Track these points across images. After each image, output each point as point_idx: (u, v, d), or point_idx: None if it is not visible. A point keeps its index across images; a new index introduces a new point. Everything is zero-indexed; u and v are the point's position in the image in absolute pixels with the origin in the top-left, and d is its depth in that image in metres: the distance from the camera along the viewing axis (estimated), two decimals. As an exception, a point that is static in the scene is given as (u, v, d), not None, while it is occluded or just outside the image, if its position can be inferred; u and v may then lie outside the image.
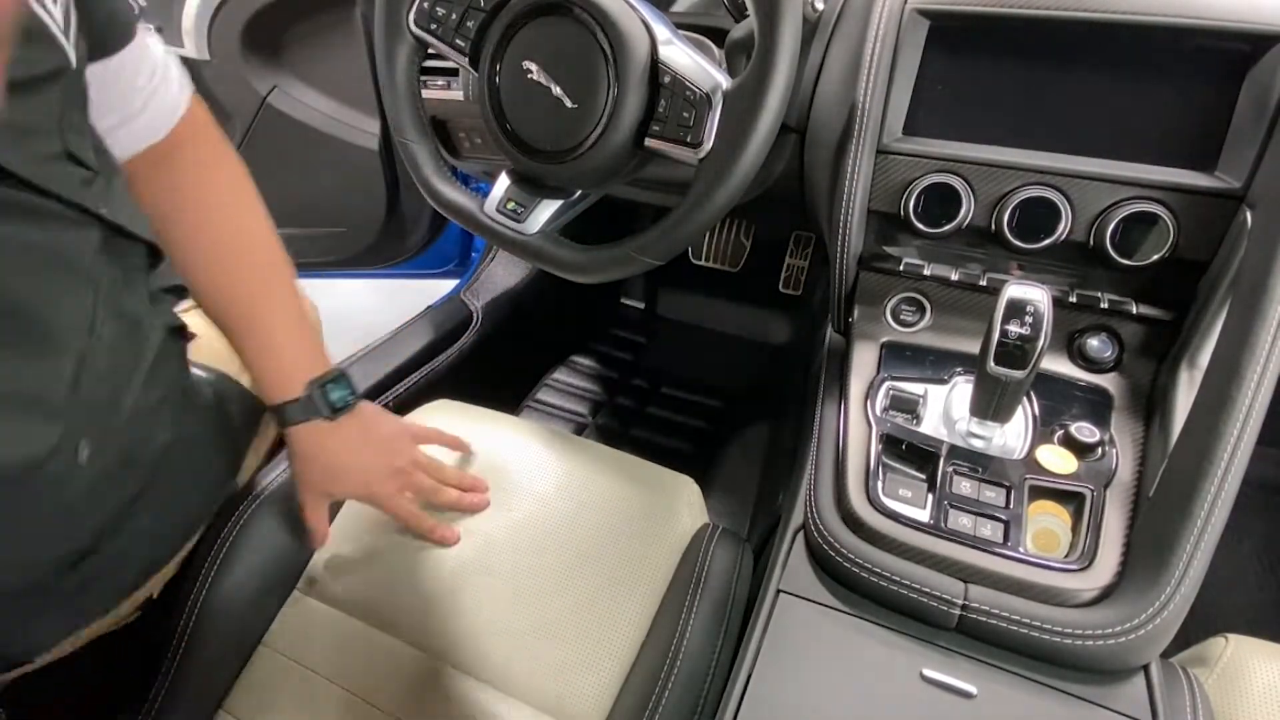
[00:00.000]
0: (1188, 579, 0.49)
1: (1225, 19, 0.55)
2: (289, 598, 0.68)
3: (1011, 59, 0.62)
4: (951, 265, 0.67)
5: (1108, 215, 0.60)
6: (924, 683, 0.51)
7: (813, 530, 0.59)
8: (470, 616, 0.65)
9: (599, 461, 0.75)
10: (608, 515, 0.70)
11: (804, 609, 0.56)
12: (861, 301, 0.71)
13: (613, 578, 0.66)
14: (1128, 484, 0.57)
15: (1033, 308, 0.51)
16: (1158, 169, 0.59)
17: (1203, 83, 0.58)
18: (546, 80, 0.59)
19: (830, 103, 0.69)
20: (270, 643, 0.66)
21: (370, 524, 0.72)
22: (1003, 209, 0.62)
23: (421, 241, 1.32)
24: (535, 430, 0.79)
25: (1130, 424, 0.61)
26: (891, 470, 0.60)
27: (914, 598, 0.53)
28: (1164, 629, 0.49)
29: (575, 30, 0.57)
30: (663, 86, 0.57)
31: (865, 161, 0.65)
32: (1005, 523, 0.55)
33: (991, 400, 0.55)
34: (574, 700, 0.60)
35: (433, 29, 0.64)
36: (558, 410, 1.39)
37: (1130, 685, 0.50)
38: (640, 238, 0.61)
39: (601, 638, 0.63)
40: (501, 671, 0.62)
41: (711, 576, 0.65)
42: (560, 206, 0.67)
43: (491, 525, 0.71)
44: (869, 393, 0.65)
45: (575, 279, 0.67)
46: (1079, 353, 0.64)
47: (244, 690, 0.64)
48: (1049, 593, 0.52)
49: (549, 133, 0.61)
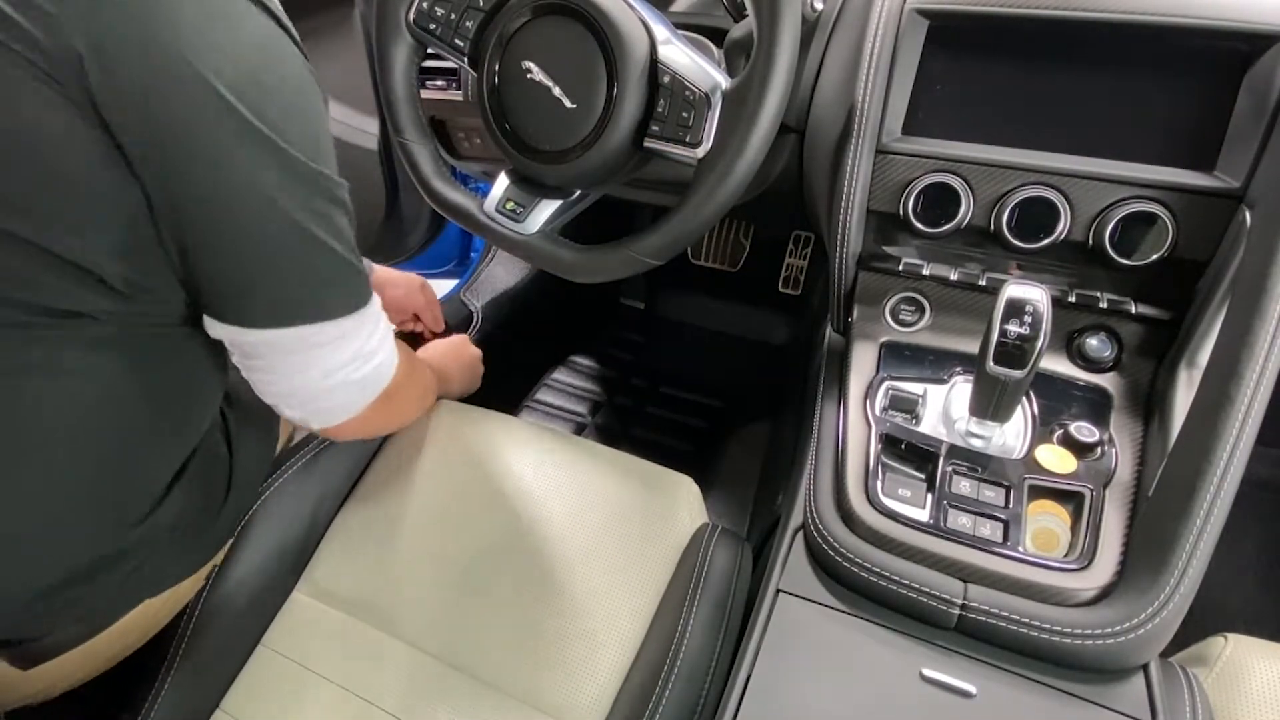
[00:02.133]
0: (1187, 578, 0.49)
1: (1224, 19, 0.55)
2: (288, 598, 0.68)
3: (1010, 59, 0.62)
4: (951, 265, 0.67)
5: (1107, 215, 0.60)
6: (923, 682, 0.51)
7: (812, 530, 0.59)
8: (469, 616, 0.65)
9: (598, 461, 0.75)
10: (607, 515, 0.70)
11: (803, 609, 0.56)
12: (861, 301, 0.71)
13: (612, 577, 0.66)
14: (1127, 483, 0.57)
15: (1032, 307, 0.51)
16: (1157, 169, 0.59)
17: (1202, 82, 0.58)
18: (546, 80, 0.59)
19: (829, 102, 0.69)
20: (270, 643, 0.66)
21: (369, 524, 0.72)
22: (1002, 209, 0.62)
23: (420, 242, 1.32)
24: (535, 430, 0.79)
25: (1129, 424, 0.61)
26: (891, 470, 0.60)
27: (913, 597, 0.53)
28: (1163, 628, 0.49)
29: (574, 30, 0.57)
30: (662, 86, 0.57)
31: (864, 161, 0.65)
32: (1004, 522, 0.55)
33: (991, 400, 0.55)
34: (573, 700, 0.60)
35: (432, 29, 0.64)
36: (557, 410, 1.39)
37: (1129, 685, 0.50)
38: (639, 238, 0.61)
39: (601, 637, 0.63)
40: (501, 671, 0.62)
41: (711, 576, 0.65)
42: (559, 206, 0.67)
43: (491, 526, 0.70)
44: (868, 392, 0.65)
45: (574, 279, 0.67)
46: (1078, 352, 0.64)
47: (243, 690, 0.64)
48: (1048, 592, 0.52)
49: (548, 133, 0.61)
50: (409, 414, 0.73)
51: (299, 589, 0.69)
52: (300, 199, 0.48)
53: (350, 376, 0.56)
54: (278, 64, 0.47)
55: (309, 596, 0.68)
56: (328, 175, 0.50)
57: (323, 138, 0.50)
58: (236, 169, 0.45)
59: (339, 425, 0.59)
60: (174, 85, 0.42)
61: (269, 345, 0.52)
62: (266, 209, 0.47)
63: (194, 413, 0.58)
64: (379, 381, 0.59)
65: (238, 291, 0.50)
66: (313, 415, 0.58)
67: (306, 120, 0.49)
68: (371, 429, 0.65)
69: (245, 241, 0.48)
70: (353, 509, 0.74)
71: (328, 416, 0.58)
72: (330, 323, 0.52)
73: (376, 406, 0.60)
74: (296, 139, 0.47)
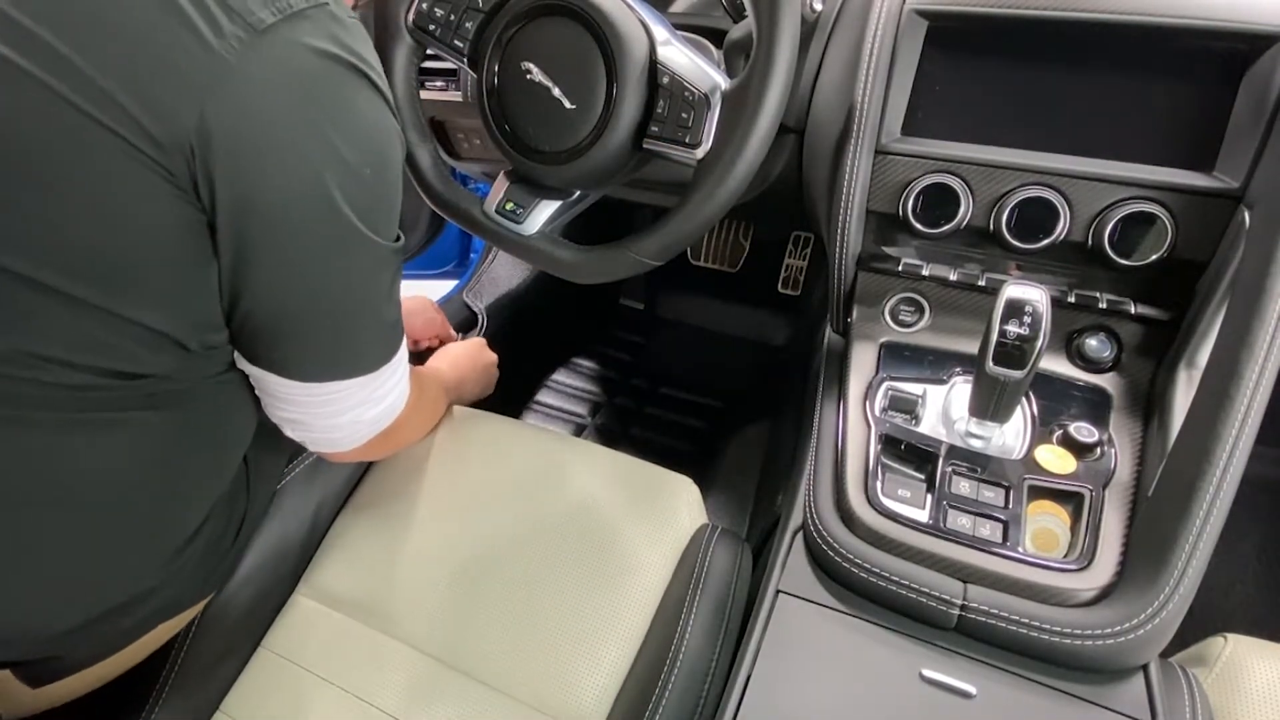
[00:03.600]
0: (1187, 579, 0.49)
1: (1223, 19, 0.55)
2: (289, 600, 0.68)
3: (1010, 59, 0.62)
4: (950, 265, 0.67)
5: (1106, 215, 0.60)
6: (923, 683, 0.51)
7: (812, 530, 0.59)
8: (469, 617, 0.65)
9: (598, 462, 0.75)
10: (607, 516, 0.70)
11: (803, 609, 0.56)
12: (860, 302, 0.71)
13: (612, 578, 0.66)
14: (1126, 484, 0.57)
15: (1031, 308, 0.51)
16: (1156, 169, 0.59)
17: (1201, 83, 0.58)
18: (545, 81, 0.59)
19: (829, 103, 0.69)
20: (270, 645, 0.66)
21: (370, 526, 0.72)
22: (1001, 209, 0.62)
23: (420, 242, 1.32)
24: (535, 432, 0.79)
25: (1129, 424, 0.61)
26: (890, 470, 0.60)
27: (913, 598, 0.53)
28: (1163, 629, 0.49)
29: (574, 31, 0.57)
30: (661, 87, 0.57)
31: (864, 162, 0.65)
32: (1004, 523, 0.55)
33: (990, 400, 0.55)
34: (573, 701, 0.60)
35: (431, 30, 0.64)
36: (557, 411, 1.39)
37: (1129, 685, 0.50)
38: (639, 238, 0.61)
39: (601, 638, 0.63)
40: (500, 672, 0.62)
41: (711, 576, 0.65)
42: (559, 207, 0.67)
43: (491, 527, 0.70)
44: (868, 393, 0.65)
45: (574, 279, 0.67)
46: (1078, 353, 0.64)
47: (244, 693, 0.64)
48: (1048, 592, 0.52)
49: (548, 133, 0.61)
50: (411, 439, 0.74)
51: (300, 591, 0.69)
52: (371, 273, 0.50)
53: (361, 416, 0.57)
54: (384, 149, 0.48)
55: (310, 599, 0.68)
56: (399, 248, 0.52)
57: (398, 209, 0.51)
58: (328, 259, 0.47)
59: (340, 453, 0.61)
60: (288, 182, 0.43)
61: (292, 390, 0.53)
62: (341, 291, 0.49)
63: (232, 453, 0.59)
64: (387, 418, 0.60)
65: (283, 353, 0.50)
66: (317, 443, 0.59)
67: (394, 205, 0.51)
68: (371, 455, 0.66)
69: (309, 313, 0.49)
70: (353, 511, 0.74)
71: (332, 446, 0.60)
72: (359, 379, 0.53)
73: (378, 439, 0.61)
74: (384, 228, 0.49)
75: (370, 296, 0.51)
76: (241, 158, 0.41)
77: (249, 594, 0.66)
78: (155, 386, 0.48)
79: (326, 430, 0.57)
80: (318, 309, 0.49)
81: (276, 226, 0.44)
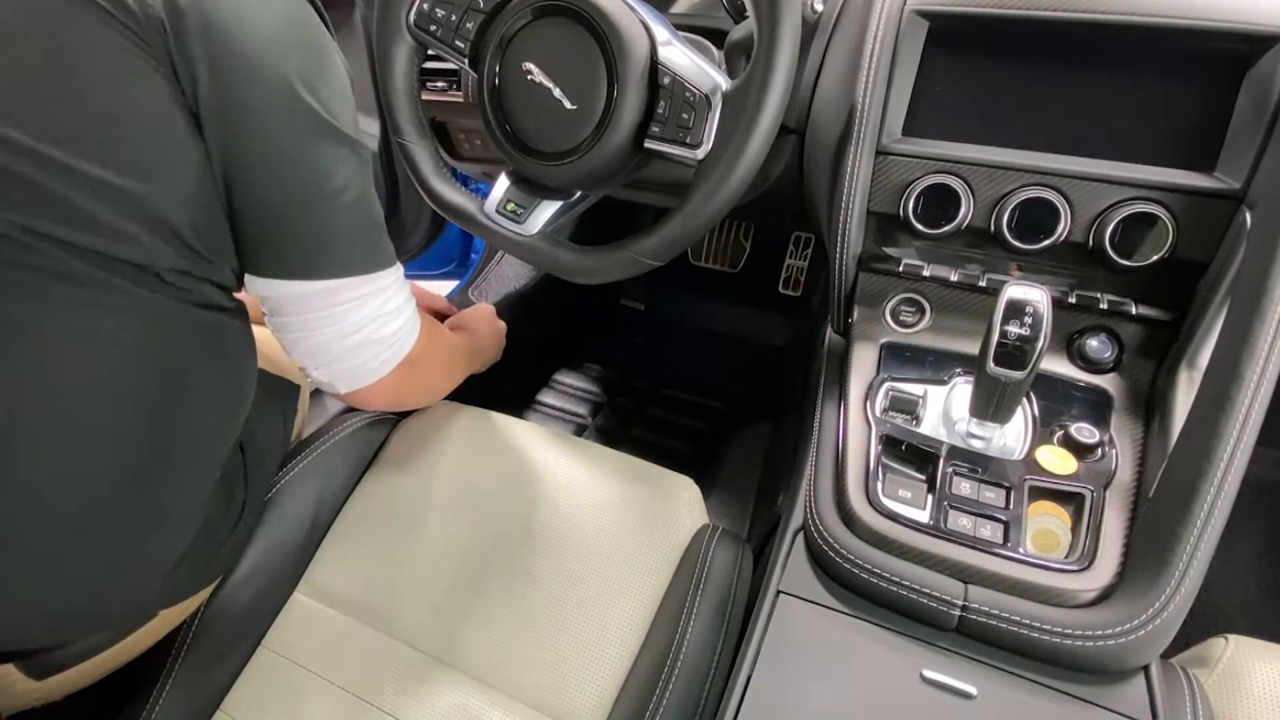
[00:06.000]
0: (1188, 579, 0.49)
1: (1224, 19, 0.55)
2: (289, 599, 0.68)
3: (1010, 60, 0.62)
4: (951, 266, 0.67)
5: (1107, 216, 0.60)
6: (924, 683, 0.51)
7: (812, 531, 0.59)
8: (469, 617, 0.65)
9: (599, 462, 0.75)
10: (607, 516, 0.70)
11: (804, 610, 0.56)
12: (861, 302, 0.71)
13: (612, 578, 0.66)
14: (1127, 484, 0.57)
15: (1032, 308, 0.51)
16: (1157, 170, 0.59)
17: (1202, 83, 0.58)
18: (546, 81, 0.59)
19: (830, 104, 0.69)
20: (270, 644, 0.66)
21: (370, 525, 0.72)
22: (1002, 210, 0.62)
23: (421, 243, 1.32)
24: (535, 431, 0.79)
25: (1130, 425, 0.61)
26: (891, 471, 0.60)
27: (914, 598, 0.53)
28: (1164, 629, 0.49)
29: (575, 32, 0.57)
30: (662, 88, 0.57)
31: (865, 162, 0.65)
32: (1005, 523, 0.55)
33: (991, 401, 0.55)
34: (574, 701, 0.60)
35: (432, 30, 0.64)
36: (558, 411, 1.39)
37: (1130, 686, 0.50)
38: (640, 239, 0.61)
39: (601, 638, 0.63)
40: (500, 672, 0.62)
41: (711, 577, 0.65)
42: (560, 208, 0.67)
43: (491, 526, 0.71)
44: (869, 393, 0.65)
45: (575, 280, 0.67)
46: (1078, 353, 0.64)
47: (244, 692, 0.64)
48: (1049, 593, 0.52)
49: (549, 134, 0.61)
50: (436, 384, 0.74)
51: (299, 590, 0.69)
52: (341, 162, 0.53)
53: (371, 335, 0.58)
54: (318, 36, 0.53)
55: (309, 598, 0.68)
56: (363, 143, 0.55)
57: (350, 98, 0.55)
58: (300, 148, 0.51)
59: (365, 389, 0.61)
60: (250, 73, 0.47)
61: (301, 298, 0.55)
62: (317, 181, 0.52)
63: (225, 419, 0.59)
64: (401, 344, 0.61)
65: (278, 246, 0.53)
66: (339, 376, 0.60)
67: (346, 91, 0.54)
68: (399, 397, 0.66)
69: (293, 202, 0.52)
70: (353, 510, 0.74)
71: (353, 377, 0.60)
72: (355, 278, 0.56)
73: (401, 373, 0.62)
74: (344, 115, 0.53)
75: (345, 187, 0.53)
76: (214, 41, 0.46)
77: (249, 593, 0.66)
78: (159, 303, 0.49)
79: (341, 356, 0.58)
80: (299, 200, 0.52)
81: (259, 111, 0.48)
